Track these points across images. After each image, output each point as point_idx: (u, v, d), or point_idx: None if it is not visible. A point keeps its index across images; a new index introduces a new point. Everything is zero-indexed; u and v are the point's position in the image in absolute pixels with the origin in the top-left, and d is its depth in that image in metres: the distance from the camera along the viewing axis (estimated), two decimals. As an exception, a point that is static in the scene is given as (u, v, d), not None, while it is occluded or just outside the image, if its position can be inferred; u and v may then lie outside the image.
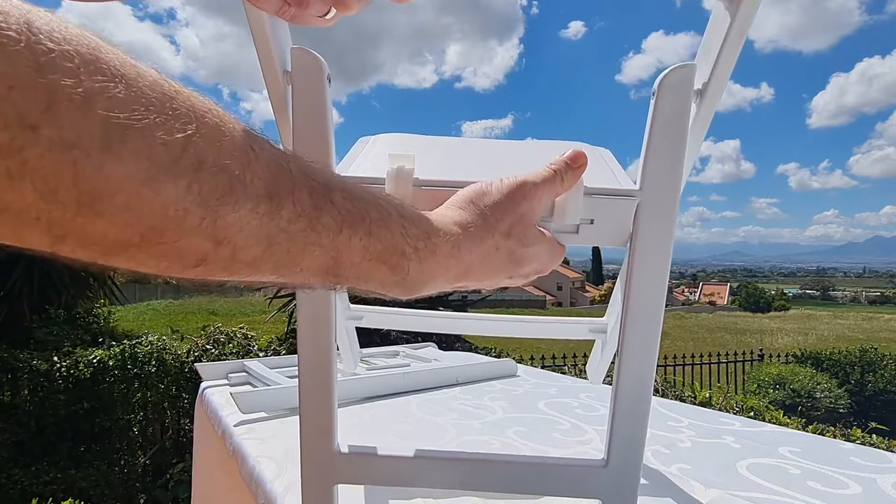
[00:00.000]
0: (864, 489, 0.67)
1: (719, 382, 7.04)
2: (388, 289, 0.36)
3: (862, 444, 1.35)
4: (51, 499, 2.94)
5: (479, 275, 0.42)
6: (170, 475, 3.59)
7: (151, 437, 3.98)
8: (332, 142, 0.46)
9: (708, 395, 3.50)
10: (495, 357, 1.69)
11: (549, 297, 43.03)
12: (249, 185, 0.27)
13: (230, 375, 1.23)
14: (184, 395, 3.95)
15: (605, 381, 0.97)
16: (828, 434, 2.81)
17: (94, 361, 3.77)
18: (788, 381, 6.37)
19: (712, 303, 55.15)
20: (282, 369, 1.22)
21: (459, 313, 0.97)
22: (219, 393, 1.13)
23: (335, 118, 0.47)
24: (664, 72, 0.44)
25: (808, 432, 1.23)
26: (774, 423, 1.38)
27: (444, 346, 1.98)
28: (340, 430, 0.51)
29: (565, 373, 3.57)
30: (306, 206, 0.29)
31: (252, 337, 4.36)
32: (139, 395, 3.87)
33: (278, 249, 0.28)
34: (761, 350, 8.02)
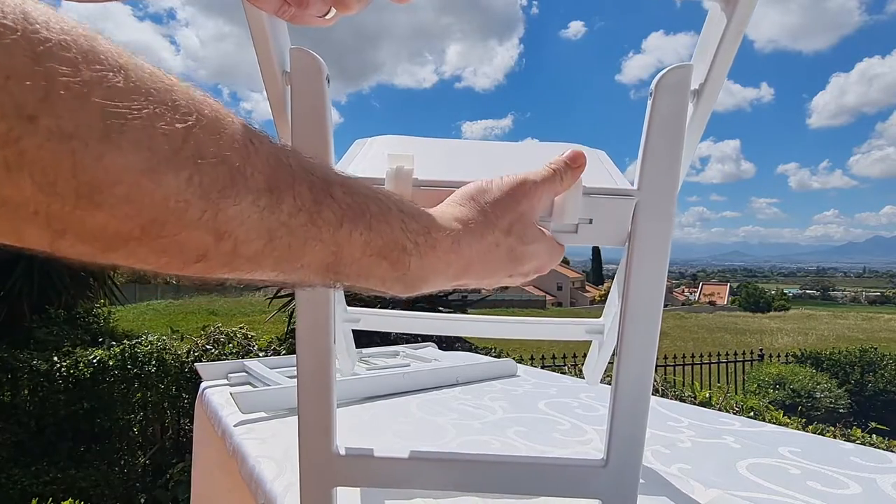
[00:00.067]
0: (864, 489, 0.67)
1: (719, 382, 7.04)
2: (389, 286, 0.36)
3: (862, 444, 1.35)
4: (51, 499, 2.94)
5: (480, 272, 0.41)
6: (170, 475, 3.59)
7: (151, 437, 3.98)
8: (332, 142, 0.46)
9: (708, 395, 3.50)
10: (495, 357, 1.69)
11: (548, 297, 43.03)
12: (250, 178, 0.26)
13: (230, 375, 1.23)
14: (184, 395, 3.95)
15: (604, 381, 0.97)
16: (828, 434, 2.81)
17: (94, 361, 3.78)
18: (788, 381, 6.37)
19: (712, 303, 55.15)
20: (282, 369, 1.22)
21: (457, 315, 0.97)
22: (219, 393, 1.13)
23: (335, 118, 0.47)
24: (661, 72, 0.44)
25: (808, 432, 1.23)
26: (774, 423, 1.38)
27: (444, 346, 1.98)
28: (340, 431, 0.51)
29: (565, 373, 3.57)
30: (306, 200, 0.29)
31: (252, 337, 4.36)
32: (139, 395, 3.87)
33: (279, 244, 0.28)
34: (761, 350, 8.02)
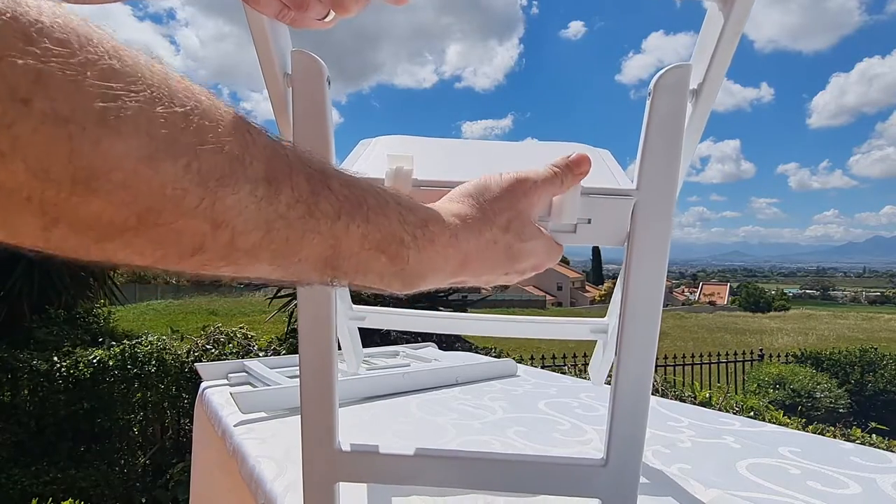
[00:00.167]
0: (864, 489, 0.67)
1: (719, 382, 7.04)
2: (387, 282, 0.35)
3: (862, 444, 1.35)
4: (51, 499, 2.94)
5: (477, 268, 0.41)
6: (170, 475, 3.59)
7: (151, 437, 3.98)
8: (332, 143, 0.46)
9: (708, 395, 3.50)
10: (495, 357, 1.69)
11: (549, 297, 43.04)
12: (249, 168, 0.26)
13: (230, 375, 1.24)
14: (184, 395, 3.95)
15: (607, 382, 0.97)
16: (828, 434, 2.81)
17: (94, 361, 3.78)
18: (788, 381, 6.37)
19: (712, 303, 55.14)
20: (282, 369, 1.22)
21: (461, 313, 0.97)
22: (219, 393, 1.13)
23: (335, 118, 0.47)
24: (660, 72, 0.44)
25: (808, 432, 1.23)
26: (774, 423, 1.38)
27: (444, 346, 1.98)
28: (340, 430, 0.51)
29: (565, 373, 3.57)
30: (304, 191, 0.29)
31: (252, 337, 4.36)
32: (139, 395, 3.87)
33: (277, 236, 0.28)
34: (761, 350, 8.02)
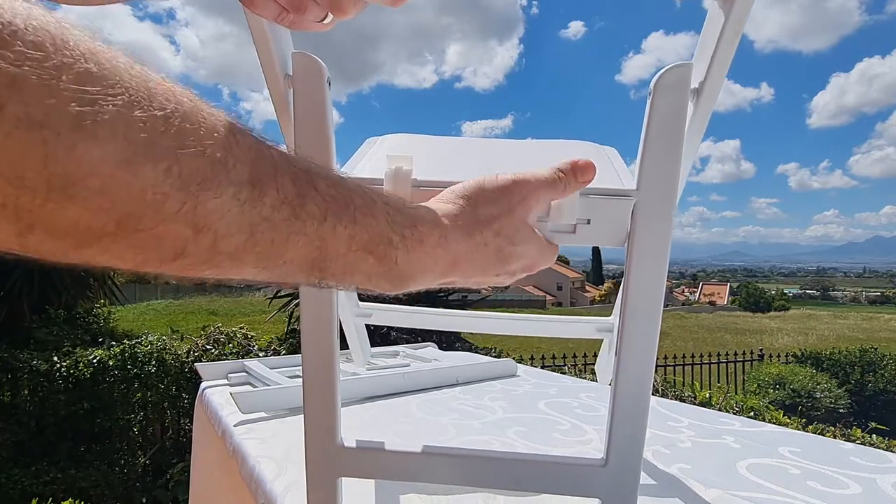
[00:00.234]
0: (864, 489, 0.67)
1: (719, 382, 7.04)
2: (375, 282, 0.35)
3: (862, 444, 1.35)
4: (51, 499, 2.94)
5: (467, 270, 0.40)
6: (170, 475, 3.59)
7: (151, 437, 3.98)
8: (333, 143, 0.46)
9: (708, 395, 3.50)
10: (495, 357, 1.69)
11: (548, 297, 43.04)
12: (232, 170, 0.25)
13: (230, 375, 1.23)
14: (184, 395, 3.95)
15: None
16: (828, 434, 2.81)
17: (94, 361, 3.78)
18: (788, 381, 6.37)
19: (712, 303, 55.14)
20: (282, 369, 1.22)
21: (468, 311, 0.97)
22: (219, 393, 1.13)
23: (335, 118, 0.48)
24: (660, 71, 0.44)
25: (808, 432, 1.23)
26: (774, 423, 1.38)
27: (444, 346, 1.99)
28: (341, 430, 0.51)
29: (565, 373, 3.57)
30: (289, 193, 0.28)
31: (252, 337, 4.36)
32: (139, 395, 3.87)
33: (261, 239, 0.27)
34: (761, 350, 8.02)
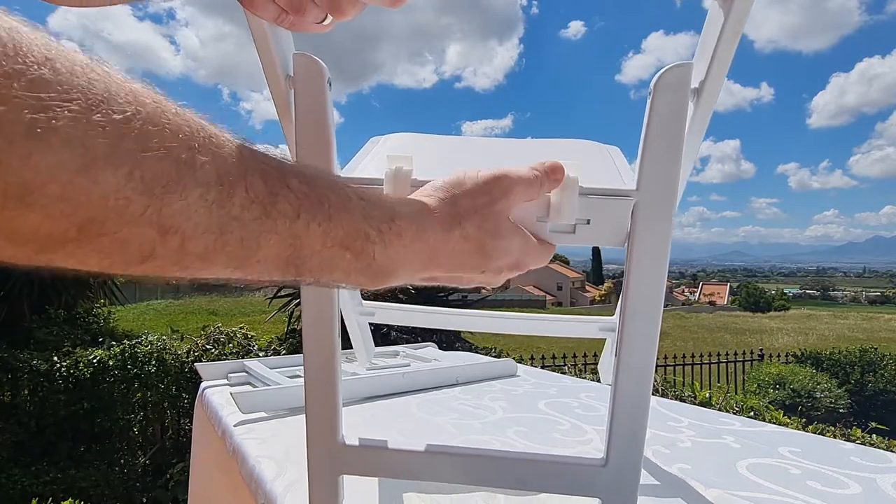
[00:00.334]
0: (864, 489, 0.67)
1: (719, 382, 7.04)
2: (354, 278, 0.35)
3: (862, 444, 1.35)
4: (51, 499, 2.94)
5: (447, 264, 0.40)
6: (170, 475, 3.59)
7: (151, 437, 3.98)
8: (334, 144, 0.46)
9: (708, 395, 3.50)
10: (495, 357, 1.69)
11: (549, 297, 43.05)
12: (198, 171, 0.25)
13: (230, 375, 1.23)
14: (184, 395, 3.95)
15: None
16: (828, 434, 2.81)
17: (94, 361, 3.78)
18: (788, 381, 6.37)
19: (712, 303, 55.13)
20: (282, 369, 1.22)
21: (471, 311, 0.96)
22: (219, 393, 1.13)
23: (336, 118, 0.48)
24: (660, 71, 0.44)
25: (808, 432, 1.23)
26: (774, 423, 1.38)
27: (444, 346, 1.98)
28: (342, 427, 0.52)
29: (565, 373, 3.57)
30: (260, 192, 0.28)
31: (252, 337, 4.36)
32: (139, 395, 3.87)
33: (231, 239, 0.26)
34: (761, 350, 8.02)
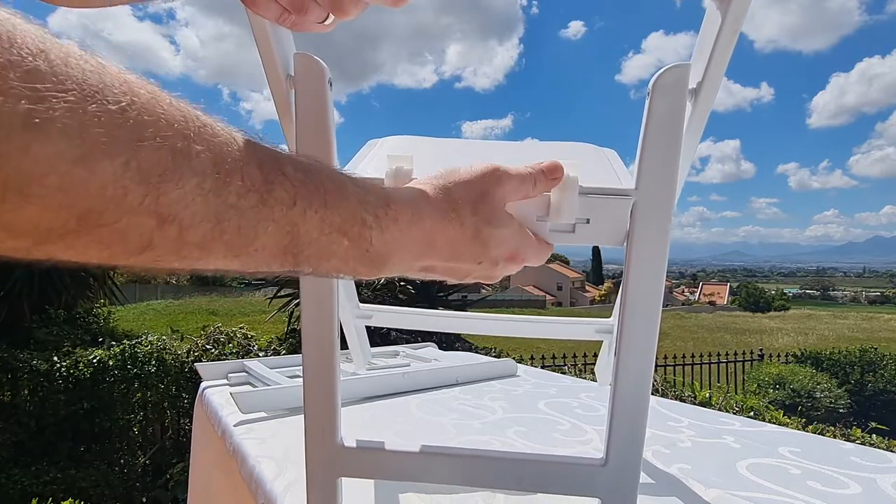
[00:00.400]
0: (864, 489, 0.67)
1: (719, 382, 7.04)
2: (352, 266, 0.35)
3: (862, 444, 1.35)
4: (51, 499, 2.94)
5: (445, 251, 0.40)
6: (170, 475, 3.59)
7: (151, 437, 3.98)
8: (334, 143, 0.46)
9: (708, 395, 3.50)
10: (495, 357, 1.69)
11: (548, 297, 43.05)
12: (194, 160, 0.25)
13: (230, 375, 1.23)
14: (184, 395, 3.95)
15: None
16: (828, 434, 2.81)
17: (94, 361, 3.78)
18: (788, 381, 6.37)
19: (712, 303, 55.13)
20: (282, 369, 1.22)
21: (469, 313, 0.96)
22: (219, 393, 1.13)
23: (336, 118, 0.48)
24: (659, 72, 0.44)
25: (808, 432, 1.23)
26: (774, 423, 1.38)
27: (444, 346, 1.99)
28: (341, 429, 0.51)
29: (565, 373, 3.57)
30: (256, 180, 0.28)
31: (252, 337, 4.36)
32: (139, 395, 3.87)
33: (228, 227, 0.27)
34: (761, 350, 8.02)
